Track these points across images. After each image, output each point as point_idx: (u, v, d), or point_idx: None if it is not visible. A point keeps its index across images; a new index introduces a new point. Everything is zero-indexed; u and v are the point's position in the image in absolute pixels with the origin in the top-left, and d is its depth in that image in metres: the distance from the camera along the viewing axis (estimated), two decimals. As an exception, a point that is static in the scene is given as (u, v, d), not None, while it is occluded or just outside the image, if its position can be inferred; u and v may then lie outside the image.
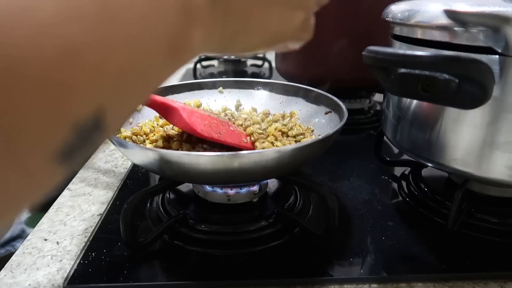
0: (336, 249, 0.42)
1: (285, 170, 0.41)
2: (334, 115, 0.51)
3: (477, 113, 0.37)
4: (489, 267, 0.39)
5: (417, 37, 0.42)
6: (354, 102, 0.81)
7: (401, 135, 0.47)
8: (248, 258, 0.40)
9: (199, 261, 0.40)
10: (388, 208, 0.49)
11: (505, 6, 0.33)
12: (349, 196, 0.51)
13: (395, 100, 0.48)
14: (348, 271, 0.39)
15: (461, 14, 0.35)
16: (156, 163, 0.37)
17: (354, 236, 0.44)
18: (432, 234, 0.44)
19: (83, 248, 0.42)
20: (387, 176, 0.57)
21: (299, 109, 0.57)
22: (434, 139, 0.42)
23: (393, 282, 0.38)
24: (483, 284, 0.38)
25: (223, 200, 0.46)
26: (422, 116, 0.43)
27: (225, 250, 0.41)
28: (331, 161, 0.61)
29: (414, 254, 0.41)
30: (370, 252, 0.41)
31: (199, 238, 0.42)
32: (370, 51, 0.31)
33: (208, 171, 0.36)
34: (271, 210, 0.45)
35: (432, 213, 0.47)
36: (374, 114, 0.81)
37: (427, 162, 0.44)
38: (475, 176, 0.40)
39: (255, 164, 0.36)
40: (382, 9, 0.49)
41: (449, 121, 0.40)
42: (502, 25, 0.33)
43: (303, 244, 0.42)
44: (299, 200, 0.49)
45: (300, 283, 0.38)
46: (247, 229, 0.43)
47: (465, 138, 0.39)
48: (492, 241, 0.42)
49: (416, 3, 0.44)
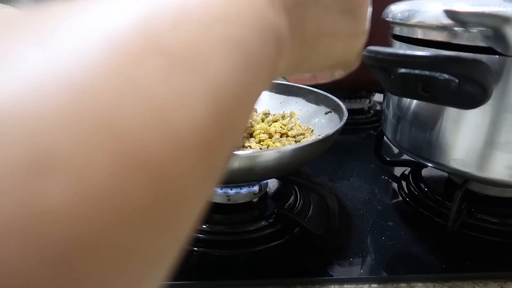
0: (336, 249, 0.42)
1: (285, 170, 0.41)
2: (334, 115, 0.51)
3: (477, 113, 0.37)
4: (489, 267, 0.39)
5: (417, 37, 0.42)
6: (354, 102, 0.81)
7: (401, 135, 0.47)
8: (248, 258, 0.40)
9: (199, 261, 0.40)
10: (388, 208, 0.49)
11: (505, 6, 0.33)
12: (349, 196, 0.51)
13: (395, 100, 0.48)
14: (348, 271, 0.39)
15: (461, 14, 0.35)
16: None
17: (354, 236, 0.44)
18: (432, 234, 0.44)
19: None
20: (387, 176, 0.57)
21: (299, 109, 0.57)
22: (434, 139, 0.42)
23: (393, 282, 0.38)
24: (483, 284, 0.38)
25: (223, 200, 0.46)
26: (422, 116, 0.43)
27: (225, 250, 0.41)
28: (331, 161, 0.61)
29: (414, 254, 0.41)
30: (370, 252, 0.41)
31: (199, 238, 0.42)
32: (370, 51, 0.31)
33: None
34: (271, 210, 0.45)
35: (432, 213, 0.47)
36: (374, 114, 0.81)
37: (427, 162, 0.44)
38: (475, 176, 0.40)
39: (255, 164, 0.36)
40: (382, 9, 0.49)
41: (449, 121, 0.40)
42: (502, 25, 0.33)
43: (303, 244, 0.42)
44: (299, 200, 0.49)
45: (300, 283, 0.38)
46: (247, 229, 0.43)
47: (465, 138, 0.39)
48: (492, 241, 0.42)
49: (416, 3, 0.44)
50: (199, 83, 0.10)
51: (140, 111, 0.09)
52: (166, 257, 0.10)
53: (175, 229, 0.10)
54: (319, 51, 0.21)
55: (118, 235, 0.08)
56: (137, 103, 0.09)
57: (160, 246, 0.09)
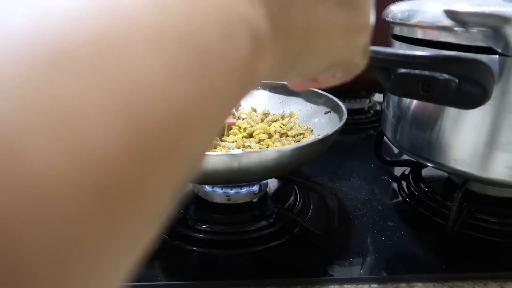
0: (336, 249, 0.42)
1: (285, 170, 0.41)
2: (333, 115, 0.51)
3: (477, 113, 0.37)
4: (489, 267, 0.39)
5: (417, 37, 0.42)
6: (354, 102, 0.81)
7: (401, 135, 0.47)
8: (248, 258, 0.40)
9: (199, 261, 0.40)
10: (388, 208, 0.49)
11: (505, 6, 0.33)
12: (349, 196, 0.51)
13: (395, 100, 0.48)
14: (348, 271, 0.39)
15: (461, 14, 0.35)
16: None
17: (354, 236, 0.44)
18: (432, 234, 0.44)
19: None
20: (387, 176, 0.57)
21: (299, 109, 0.57)
22: (434, 139, 0.42)
23: (393, 282, 0.38)
24: (483, 284, 0.38)
25: (223, 200, 0.46)
26: (422, 116, 0.43)
27: (225, 250, 0.41)
28: (331, 161, 0.61)
29: (414, 254, 0.41)
30: (370, 252, 0.41)
31: (199, 238, 0.42)
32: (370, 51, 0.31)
33: (208, 171, 0.36)
34: (271, 210, 0.45)
35: (432, 213, 0.47)
36: (374, 114, 0.81)
37: (427, 162, 0.44)
38: (475, 176, 0.40)
39: (255, 164, 0.36)
40: (382, 9, 0.49)
41: (449, 121, 0.40)
42: (502, 25, 0.33)
43: (303, 244, 0.42)
44: (299, 200, 0.49)
45: (300, 283, 0.38)
46: (247, 229, 0.43)
47: (465, 138, 0.39)
48: (492, 241, 0.42)
49: (416, 3, 0.44)
50: (104, 99, 0.08)
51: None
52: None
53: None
54: (312, 49, 0.18)
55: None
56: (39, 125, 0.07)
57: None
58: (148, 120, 0.08)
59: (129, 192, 0.08)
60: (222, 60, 0.11)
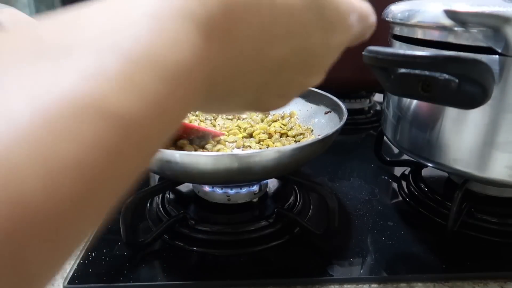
0: (336, 249, 0.42)
1: (285, 170, 0.41)
2: (333, 115, 0.51)
3: (477, 113, 0.37)
4: (489, 267, 0.39)
5: (417, 37, 0.42)
6: (354, 102, 0.81)
7: (401, 135, 0.47)
8: (248, 258, 0.40)
9: (199, 261, 0.40)
10: (388, 208, 0.49)
11: (505, 6, 0.33)
12: (349, 196, 0.51)
13: (395, 100, 0.48)
14: (348, 271, 0.39)
15: (461, 14, 0.35)
16: (156, 163, 0.37)
17: (354, 236, 0.44)
18: (432, 234, 0.44)
19: (83, 248, 0.42)
20: (387, 176, 0.57)
21: (299, 109, 0.57)
22: (434, 139, 0.42)
23: (393, 282, 0.38)
24: (483, 284, 0.38)
25: (223, 200, 0.46)
26: (422, 116, 0.43)
27: (225, 250, 0.41)
28: (331, 161, 0.61)
29: (414, 254, 0.41)
30: (370, 252, 0.41)
31: (199, 238, 0.42)
32: (370, 51, 0.31)
33: (208, 171, 0.36)
34: (271, 210, 0.45)
35: (432, 213, 0.47)
36: (374, 114, 0.81)
37: (427, 162, 0.44)
38: (475, 176, 0.40)
39: (255, 164, 0.36)
40: (382, 9, 0.49)
41: (449, 121, 0.40)
42: (502, 25, 0.33)
43: (303, 244, 0.42)
44: (299, 200, 0.49)
45: (300, 283, 0.38)
46: (247, 229, 0.43)
47: (465, 138, 0.39)
48: (492, 241, 0.42)
49: (416, 3, 0.44)
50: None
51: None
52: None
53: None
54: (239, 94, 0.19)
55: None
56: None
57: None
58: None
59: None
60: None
